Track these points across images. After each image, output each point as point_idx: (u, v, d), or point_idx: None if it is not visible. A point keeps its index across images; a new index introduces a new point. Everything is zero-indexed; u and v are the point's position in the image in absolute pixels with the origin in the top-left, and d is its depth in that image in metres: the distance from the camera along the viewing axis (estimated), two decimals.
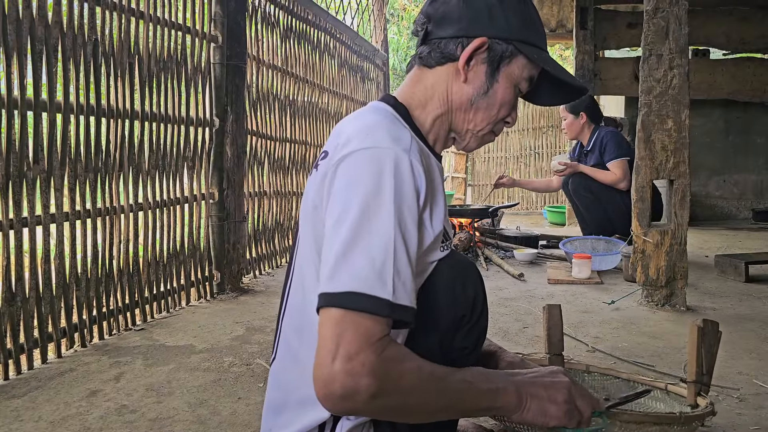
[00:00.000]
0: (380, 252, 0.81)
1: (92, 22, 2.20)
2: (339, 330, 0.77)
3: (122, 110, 2.36)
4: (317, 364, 0.78)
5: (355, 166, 0.86)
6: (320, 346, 0.79)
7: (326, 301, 0.80)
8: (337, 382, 0.76)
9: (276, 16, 3.68)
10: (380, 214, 0.82)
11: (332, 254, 0.81)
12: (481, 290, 1.05)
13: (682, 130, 2.58)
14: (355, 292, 0.78)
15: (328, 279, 0.80)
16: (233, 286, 3.05)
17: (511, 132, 8.34)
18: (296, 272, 1.02)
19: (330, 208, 0.86)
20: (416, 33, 1.07)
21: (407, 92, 1.05)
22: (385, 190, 0.84)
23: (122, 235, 2.40)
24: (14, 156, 1.88)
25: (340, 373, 0.76)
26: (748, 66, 5.39)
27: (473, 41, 0.99)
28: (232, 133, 3.03)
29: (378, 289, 0.79)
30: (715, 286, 3.15)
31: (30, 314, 1.96)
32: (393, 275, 0.80)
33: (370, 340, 0.78)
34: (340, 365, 0.76)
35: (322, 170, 0.94)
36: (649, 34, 2.58)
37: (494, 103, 1.03)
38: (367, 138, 0.89)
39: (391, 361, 0.79)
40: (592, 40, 5.17)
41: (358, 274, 0.79)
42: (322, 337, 0.79)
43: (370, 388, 0.77)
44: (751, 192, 6.19)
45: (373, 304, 0.78)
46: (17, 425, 1.55)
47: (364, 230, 0.81)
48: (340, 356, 0.76)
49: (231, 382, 1.84)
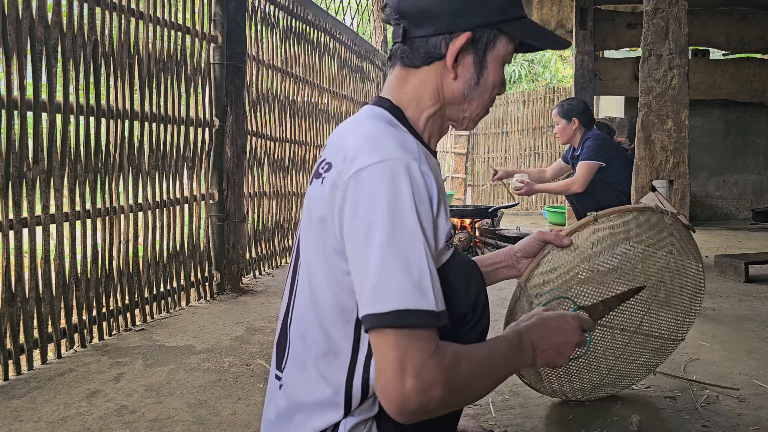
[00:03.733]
0: (415, 265, 0.82)
1: (92, 23, 2.20)
2: (400, 350, 0.80)
3: (122, 110, 2.36)
4: (386, 385, 0.81)
5: (370, 181, 0.86)
6: (384, 367, 0.81)
7: (376, 322, 0.81)
8: (411, 399, 0.80)
9: (276, 17, 3.68)
10: (406, 227, 0.83)
11: (369, 274, 0.82)
12: (482, 289, 1.07)
13: (682, 131, 2.58)
14: (402, 310, 0.80)
15: (372, 300, 0.82)
16: (233, 287, 3.05)
17: (511, 132, 8.35)
18: (302, 281, 1.01)
19: (353, 227, 0.86)
20: (388, 22, 1.03)
21: (396, 92, 1.03)
22: (405, 202, 0.84)
23: (122, 236, 2.40)
24: (14, 156, 1.88)
25: (412, 391, 0.80)
26: (748, 66, 5.39)
27: (458, 38, 0.97)
28: (231, 134, 3.03)
29: (422, 302, 0.81)
30: (715, 287, 3.15)
31: (30, 315, 1.96)
32: (431, 285, 0.82)
33: (431, 353, 0.82)
34: (411, 384, 0.80)
35: (329, 183, 0.92)
36: (649, 34, 2.58)
37: (487, 89, 1.03)
38: (375, 151, 0.88)
39: (451, 366, 0.84)
40: (591, 41, 5.17)
41: (400, 292, 0.81)
42: (384, 359, 0.81)
43: (441, 396, 0.82)
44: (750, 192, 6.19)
45: (423, 318, 0.81)
46: (17, 426, 1.55)
47: (396, 246, 0.82)
48: (409, 375, 0.80)
49: (231, 383, 1.84)
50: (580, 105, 4.03)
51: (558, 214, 6.34)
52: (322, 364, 0.96)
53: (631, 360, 1.58)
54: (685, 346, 2.11)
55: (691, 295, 1.54)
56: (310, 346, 0.98)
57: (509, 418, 1.58)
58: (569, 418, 1.58)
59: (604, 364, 1.55)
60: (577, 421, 1.56)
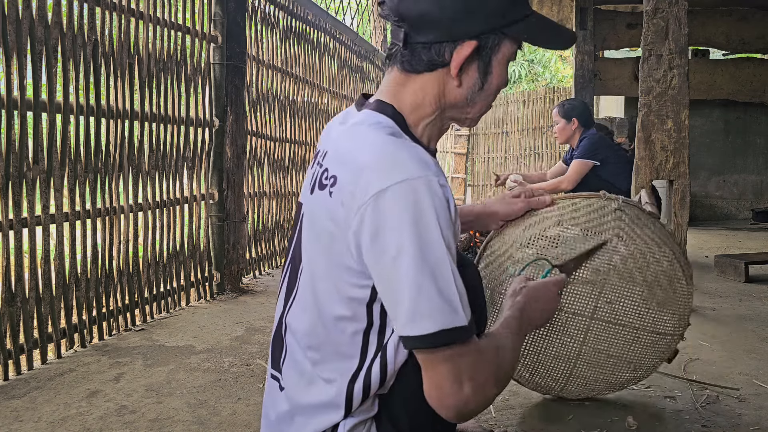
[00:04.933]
0: (444, 285, 0.85)
1: (92, 23, 2.20)
2: (452, 363, 0.86)
3: (122, 110, 2.36)
4: (445, 395, 0.86)
5: (393, 204, 0.84)
6: (440, 380, 0.86)
7: (418, 344, 0.85)
8: (471, 401, 0.87)
9: (276, 17, 3.68)
10: (434, 248, 0.85)
11: (403, 298, 0.84)
12: (479, 283, 1.08)
13: (682, 131, 2.58)
14: (439, 331, 0.84)
15: (409, 323, 0.85)
16: (233, 287, 3.05)
17: (511, 132, 8.35)
18: (305, 290, 1.00)
19: (378, 249, 0.85)
20: (386, 17, 0.99)
21: (395, 96, 0.99)
22: (431, 223, 0.85)
23: (122, 236, 2.40)
24: (14, 156, 1.88)
25: (471, 395, 0.87)
26: (748, 66, 5.39)
27: (463, 47, 0.93)
28: (231, 134, 3.03)
29: (455, 320, 0.85)
30: (715, 287, 3.15)
31: (30, 315, 1.96)
32: (459, 301, 0.86)
33: (477, 357, 0.88)
34: (469, 389, 0.86)
35: (338, 200, 0.90)
36: (649, 34, 2.58)
37: (491, 92, 1.01)
38: (394, 169, 0.86)
39: (494, 361, 0.91)
40: (591, 41, 5.18)
41: (434, 314, 0.84)
42: (438, 373, 0.86)
43: (494, 389, 0.91)
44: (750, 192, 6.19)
45: (458, 334, 0.85)
46: (17, 426, 1.55)
47: (426, 268, 0.84)
48: (466, 382, 0.86)
49: (231, 383, 1.84)
50: (581, 106, 4.04)
51: None
52: (325, 369, 0.96)
53: (603, 350, 1.52)
54: (686, 346, 2.11)
55: (661, 284, 1.48)
56: (311, 352, 0.98)
57: (509, 418, 1.58)
58: (569, 418, 1.58)
59: (566, 351, 1.53)
60: (577, 421, 1.56)
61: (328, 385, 0.96)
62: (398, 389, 0.97)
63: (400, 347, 0.94)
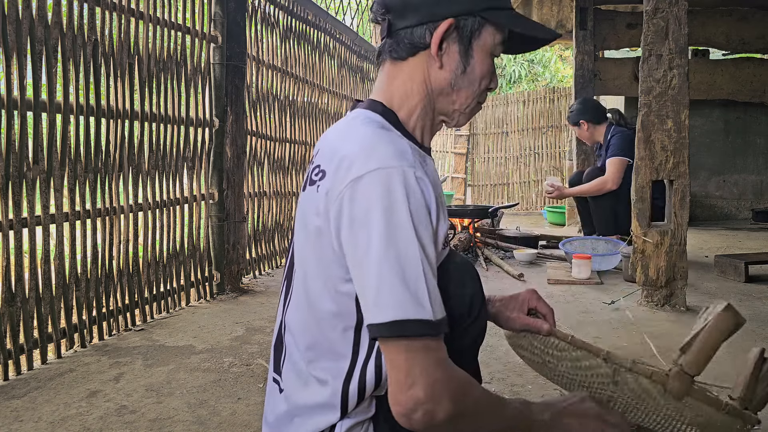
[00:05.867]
0: (411, 275, 0.83)
1: (92, 23, 2.20)
2: (407, 357, 0.81)
3: (122, 110, 2.36)
4: (396, 390, 0.82)
5: (366, 191, 0.85)
6: (393, 373, 0.83)
7: (378, 332, 0.83)
8: (420, 405, 0.81)
9: (276, 17, 3.68)
10: (402, 237, 0.84)
11: (369, 285, 0.84)
12: (478, 289, 1.05)
13: (682, 131, 2.58)
14: (399, 321, 0.81)
15: (373, 310, 0.83)
16: (233, 287, 3.05)
17: (511, 132, 8.34)
18: (298, 288, 1.01)
19: (351, 238, 0.86)
20: (376, 21, 1.03)
21: (386, 92, 1.02)
22: (401, 212, 0.84)
23: (122, 236, 2.40)
24: (14, 156, 1.88)
25: (420, 397, 0.81)
26: (748, 66, 5.39)
27: (440, 25, 0.97)
28: (231, 134, 3.03)
29: (419, 312, 0.82)
30: (715, 287, 3.15)
31: (30, 315, 1.96)
32: (427, 294, 0.83)
33: (438, 361, 0.83)
34: (419, 389, 0.81)
35: (323, 191, 0.91)
36: (649, 34, 2.58)
37: (475, 78, 1.01)
38: (371, 158, 0.87)
39: (462, 384, 0.85)
40: (591, 41, 5.17)
41: (396, 302, 0.82)
42: (393, 365, 0.83)
43: (448, 410, 0.82)
44: (750, 192, 6.19)
45: (421, 327, 0.82)
46: (17, 426, 1.55)
47: (392, 256, 0.83)
48: (417, 381, 0.81)
49: (231, 383, 1.84)
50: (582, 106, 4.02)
51: (558, 214, 6.34)
52: (320, 369, 0.97)
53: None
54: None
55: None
56: (307, 351, 0.99)
57: None
58: None
59: None
60: None
61: (323, 385, 0.96)
62: None
63: None
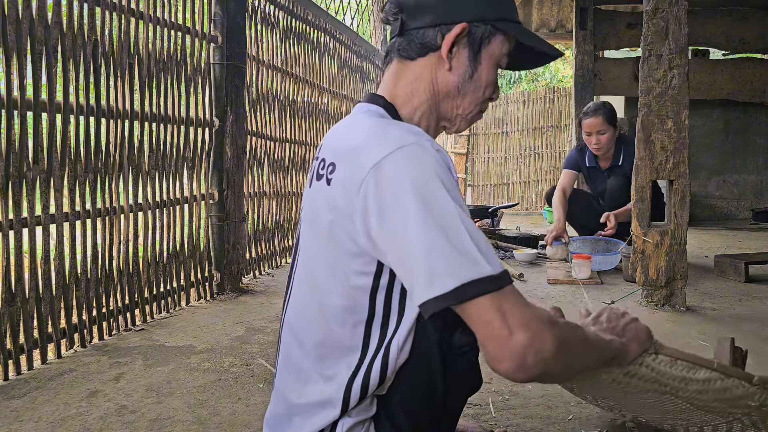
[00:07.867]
0: (457, 237, 0.80)
1: (92, 23, 2.20)
2: (492, 311, 0.78)
3: (122, 111, 2.36)
4: (497, 346, 0.78)
5: (391, 172, 0.84)
6: (487, 330, 0.78)
7: (443, 303, 0.78)
8: (527, 350, 0.77)
9: (276, 17, 3.68)
10: (438, 203, 0.82)
11: (418, 261, 0.80)
12: None
13: (682, 131, 2.58)
14: (462, 285, 0.78)
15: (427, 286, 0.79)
16: (233, 287, 3.05)
17: (511, 132, 8.35)
18: (301, 286, 1.00)
19: (387, 225, 0.84)
20: (387, 22, 1.04)
21: (391, 89, 1.03)
22: (430, 180, 0.83)
23: (122, 236, 2.40)
24: (14, 156, 1.88)
25: (525, 340, 0.77)
26: (748, 66, 5.39)
27: (453, 28, 0.98)
28: (231, 134, 3.03)
29: (478, 270, 0.79)
30: (715, 287, 3.15)
31: (30, 315, 1.96)
32: (479, 251, 0.80)
33: (525, 303, 0.80)
34: (521, 334, 0.77)
35: (338, 184, 0.90)
36: (649, 34, 2.58)
37: (480, 85, 1.03)
38: (386, 142, 0.87)
39: (553, 321, 0.82)
40: (591, 41, 5.18)
41: (453, 268, 0.78)
42: (483, 323, 0.78)
43: (554, 342, 0.79)
44: (750, 192, 6.19)
45: (486, 284, 0.79)
46: (17, 426, 1.55)
47: (433, 224, 0.80)
48: (516, 327, 0.77)
49: (231, 383, 1.84)
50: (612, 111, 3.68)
51: None
52: (324, 366, 0.96)
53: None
54: (686, 346, 2.11)
55: None
56: (310, 349, 0.98)
57: (509, 418, 1.58)
58: (569, 418, 1.58)
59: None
60: (577, 421, 1.56)
61: (327, 381, 0.96)
62: (397, 390, 0.97)
63: (403, 348, 0.93)
